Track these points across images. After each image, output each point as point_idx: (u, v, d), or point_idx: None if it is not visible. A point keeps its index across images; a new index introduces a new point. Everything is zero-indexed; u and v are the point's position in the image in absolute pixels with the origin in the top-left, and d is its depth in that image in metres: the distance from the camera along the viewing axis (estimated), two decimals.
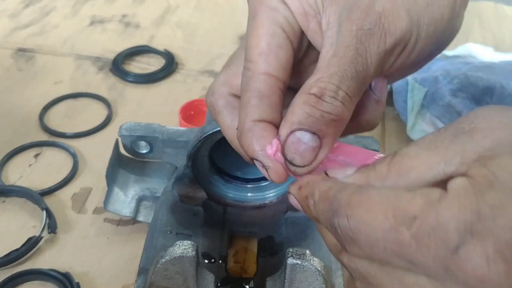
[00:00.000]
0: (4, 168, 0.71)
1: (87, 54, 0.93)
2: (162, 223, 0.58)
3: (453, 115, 0.74)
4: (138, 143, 0.62)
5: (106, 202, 0.61)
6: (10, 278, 0.57)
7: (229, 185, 0.62)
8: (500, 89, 0.73)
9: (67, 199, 0.67)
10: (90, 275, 0.59)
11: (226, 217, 0.62)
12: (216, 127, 0.53)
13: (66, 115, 0.80)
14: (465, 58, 0.87)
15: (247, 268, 0.59)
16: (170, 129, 0.61)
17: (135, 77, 0.88)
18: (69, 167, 0.71)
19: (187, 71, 0.90)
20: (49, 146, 0.75)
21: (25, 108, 0.81)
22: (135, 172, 0.65)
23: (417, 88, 0.78)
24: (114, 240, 0.63)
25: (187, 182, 0.60)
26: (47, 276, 0.57)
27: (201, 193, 0.61)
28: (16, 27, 0.99)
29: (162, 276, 0.49)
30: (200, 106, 0.79)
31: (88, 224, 0.65)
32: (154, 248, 0.55)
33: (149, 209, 0.63)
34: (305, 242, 0.57)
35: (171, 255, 0.49)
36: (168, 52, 0.92)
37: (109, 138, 0.69)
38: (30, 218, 0.64)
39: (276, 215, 0.62)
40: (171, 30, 0.99)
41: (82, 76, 0.88)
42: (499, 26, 1.08)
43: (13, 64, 0.90)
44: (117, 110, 0.81)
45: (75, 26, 1.00)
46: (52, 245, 0.62)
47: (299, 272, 0.49)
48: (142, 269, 0.54)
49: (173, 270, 0.49)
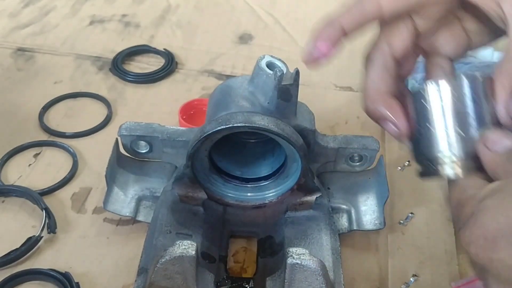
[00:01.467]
0: (4, 168, 0.71)
1: (87, 54, 0.93)
2: (162, 223, 0.58)
3: None
4: (138, 143, 0.62)
5: (106, 202, 0.61)
6: (10, 278, 0.57)
7: (228, 185, 0.62)
8: None
9: (67, 199, 0.67)
10: (89, 275, 0.59)
11: (226, 217, 0.62)
12: (216, 127, 0.53)
13: (66, 115, 0.80)
14: (465, 58, 0.87)
15: (247, 268, 0.59)
16: (169, 129, 0.61)
17: (135, 77, 0.88)
18: (68, 167, 0.71)
19: (187, 71, 0.90)
20: (49, 146, 0.75)
21: (25, 108, 0.81)
22: (134, 172, 0.65)
23: None
24: (114, 240, 0.63)
25: (187, 182, 0.60)
26: (46, 276, 0.57)
27: (201, 193, 0.61)
28: (15, 26, 0.99)
29: (162, 276, 0.49)
30: (200, 106, 0.79)
31: (88, 224, 0.64)
32: (154, 248, 0.55)
33: (149, 209, 0.63)
34: (305, 242, 0.57)
35: (171, 255, 0.49)
36: (168, 52, 0.92)
37: (109, 138, 0.69)
38: (29, 218, 0.64)
39: (276, 215, 0.62)
40: (171, 30, 0.99)
41: (82, 76, 0.88)
42: None
43: (13, 63, 0.90)
44: (117, 110, 0.81)
45: (75, 26, 1.00)
46: (51, 245, 0.62)
47: (299, 272, 0.49)
48: (142, 269, 0.54)
49: (173, 270, 0.49)
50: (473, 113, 0.42)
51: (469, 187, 0.40)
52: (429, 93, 0.43)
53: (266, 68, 0.55)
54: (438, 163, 0.43)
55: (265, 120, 0.53)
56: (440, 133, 0.43)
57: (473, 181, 0.41)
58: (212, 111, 0.59)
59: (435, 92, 0.43)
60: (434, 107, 0.43)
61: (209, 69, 0.90)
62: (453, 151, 0.42)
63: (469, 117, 0.42)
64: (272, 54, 0.56)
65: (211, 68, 0.90)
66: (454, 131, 0.42)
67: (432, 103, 0.43)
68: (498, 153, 0.40)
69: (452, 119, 0.43)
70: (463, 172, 0.42)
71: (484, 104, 0.43)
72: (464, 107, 0.42)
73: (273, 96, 0.54)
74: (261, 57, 0.56)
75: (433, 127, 0.43)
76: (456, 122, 0.42)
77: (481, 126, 0.42)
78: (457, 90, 0.43)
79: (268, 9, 1.06)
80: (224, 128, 0.53)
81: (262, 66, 0.55)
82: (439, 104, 0.43)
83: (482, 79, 0.43)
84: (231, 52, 0.95)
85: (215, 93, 0.61)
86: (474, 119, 0.42)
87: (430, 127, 0.44)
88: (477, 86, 0.43)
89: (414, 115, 0.45)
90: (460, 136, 0.42)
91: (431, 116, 0.43)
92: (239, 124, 0.53)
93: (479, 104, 0.42)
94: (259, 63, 0.55)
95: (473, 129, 0.42)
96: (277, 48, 0.95)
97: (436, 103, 0.43)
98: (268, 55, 0.56)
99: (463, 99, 0.42)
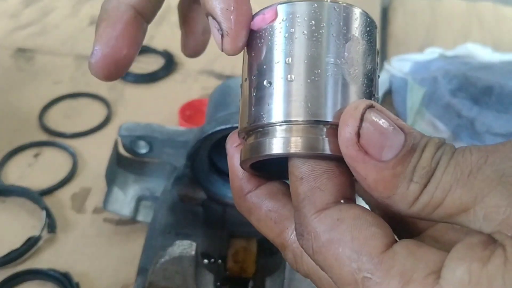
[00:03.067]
0: (4, 168, 0.71)
1: (87, 54, 0.93)
2: (162, 223, 0.58)
3: (452, 115, 0.75)
4: (138, 143, 0.62)
5: (106, 202, 0.61)
6: (10, 278, 0.57)
7: (228, 185, 0.62)
8: (498, 89, 0.74)
9: (67, 199, 0.67)
10: (89, 275, 0.59)
11: (225, 217, 0.62)
12: (216, 127, 0.53)
13: (66, 115, 0.81)
14: (464, 58, 0.87)
15: (247, 268, 0.59)
16: (169, 129, 0.61)
17: (135, 77, 0.88)
18: (68, 167, 0.71)
19: (186, 71, 0.90)
20: (49, 146, 0.75)
21: (25, 108, 0.81)
22: (134, 172, 0.65)
23: (416, 88, 0.78)
24: (114, 240, 0.63)
25: (187, 182, 0.60)
26: (46, 275, 0.57)
27: (201, 193, 0.61)
28: (16, 27, 0.99)
29: (161, 276, 0.49)
30: (199, 106, 0.79)
31: (88, 224, 0.65)
32: (153, 248, 0.55)
33: (148, 209, 0.63)
34: None
35: (170, 254, 0.49)
36: (168, 52, 0.92)
37: (109, 138, 0.69)
38: (29, 218, 0.65)
39: None
40: (171, 30, 0.99)
41: (81, 76, 0.88)
42: (498, 26, 1.08)
43: (13, 64, 0.90)
44: (117, 110, 0.81)
45: (75, 26, 1.00)
46: (51, 244, 0.62)
47: None
48: (141, 269, 0.54)
49: (173, 270, 0.49)
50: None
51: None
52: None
53: None
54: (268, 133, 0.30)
55: None
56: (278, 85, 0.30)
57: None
58: (212, 111, 0.59)
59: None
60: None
61: (209, 69, 0.90)
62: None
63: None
64: None
65: (210, 68, 0.90)
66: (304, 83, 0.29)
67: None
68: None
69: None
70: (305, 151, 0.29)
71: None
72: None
73: None
74: None
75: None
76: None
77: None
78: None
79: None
80: (224, 128, 0.53)
81: None
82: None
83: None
84: None
85: (215, 93, 0.61)
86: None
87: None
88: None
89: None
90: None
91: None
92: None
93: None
94: None
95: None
96: None
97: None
98: None
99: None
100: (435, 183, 0.26)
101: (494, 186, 0.25)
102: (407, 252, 0.26)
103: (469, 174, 0.25)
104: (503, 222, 0.25)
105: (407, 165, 0.26)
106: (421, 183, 0.26)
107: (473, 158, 0.26)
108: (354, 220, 0.27)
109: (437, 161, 0.26)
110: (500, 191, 0.25)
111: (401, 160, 0.26)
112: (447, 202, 0.26)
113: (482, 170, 0.25)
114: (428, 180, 0.26)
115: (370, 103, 0.27)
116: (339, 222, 0.27)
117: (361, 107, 0.27)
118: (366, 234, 0.26)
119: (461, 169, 0.26)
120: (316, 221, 0.28)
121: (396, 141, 0.26)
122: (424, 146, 0.27)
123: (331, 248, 0.27)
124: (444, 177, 0.26)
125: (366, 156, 0.27)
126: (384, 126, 0.27)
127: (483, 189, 0.25)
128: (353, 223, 0.27)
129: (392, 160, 0.26)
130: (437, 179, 0.26)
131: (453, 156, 0.26)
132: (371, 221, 0.27)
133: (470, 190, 0.25)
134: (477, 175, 0.25)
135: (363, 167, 0.27)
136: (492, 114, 0.73)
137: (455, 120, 0.74)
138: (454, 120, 0.74)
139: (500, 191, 0.25)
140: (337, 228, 0.27)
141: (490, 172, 0.25)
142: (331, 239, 0.27)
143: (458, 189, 0.25)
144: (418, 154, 0.26)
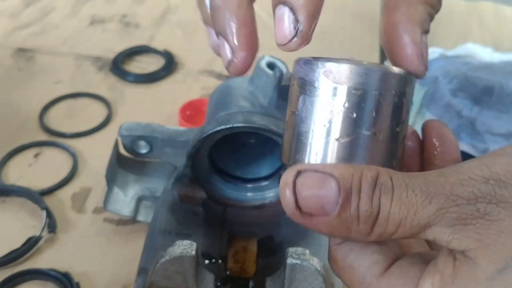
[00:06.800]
0: (4, 167, 0.71)
1: (87, 54, 0.93)
2: (162, 223, 0.58)
3: (452, 115, 0.75)
4: (138, 143, 0.62)
5: (106, 201, 0.61)
6: (10, 278, 0.57)
7: (228, 185, 0.62)
8: (499, 89, 0.73)
9: (67, 199, 0.67)
10: (89, 275, 0.59)
11: (226, 217, 0.62)
12: (216, 127, 0.53)
13: (66, 115, 0.81)
14: (465, 58, 0.87)
15: (247, 268, 0.59)
16: (170, 129, 0.61)
17: (135, 77, 0.88)
18: (69, 166, 0.71)
19: (187, 71, 0.90)
20: (49, 145, 0.75)
21: (25, 108, 0.81)
22: (134, 172, 0.65)
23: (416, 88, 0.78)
24: (114, 240, 0.63)
25: (187, 182, 0.60)
26: (46, 275, 0.57)
27: (201, 193, 0.61)
28: (16, 27, 0.99)
29: (161, 276, 0.49)
30: (200, 106, 0.79)
31: (88, 224, 0.65)
32: (153, 248, 0.55)
33: (148, 209, 0.63)
34: (305, 242, 0.57)
35: (170, 254, 0.49)
36: (168, 52, 0.92)
37: (109, 138, 0.69)
38: (30, 218, 0.64)
39: (276, 215, 0.62)
40: (171, 30, 0.99)
41: (82, 76, 0.88)
42: (498, 26, 1.08)
43: (13, 64, 0.90)
44: (117, 110, 0.81)
45: (75, 26, 1.00)
46: (51, 244, 0.62)
47: (299, 272, 0.49)
48: (141, 269, 0.54)
49: (173, 270, 0.49)
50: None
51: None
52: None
53: (266, 68, 0.55)
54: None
55: (265, 120, 0.53)
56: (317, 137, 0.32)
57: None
58: (212, 111, 0.59)
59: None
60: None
61: (209, 69, 0.90)
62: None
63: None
64: (272, 54, 0.56)
65: (211, 68, 0.90)
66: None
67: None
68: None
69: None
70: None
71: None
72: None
73: (273, 96, 0.54)
74: (261, 57, 0.56)
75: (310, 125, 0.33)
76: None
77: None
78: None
79: (268, 9, 1.06)
80: (224, 128, 0.53)
81: (262, 66, 0.55)
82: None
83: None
84: None
85: (215, 93, 0.61)
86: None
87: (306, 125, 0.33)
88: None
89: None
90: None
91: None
92: (239, 124, 0.53)
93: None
94: (259, 63, 0.55)
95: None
96: (277, 48, 0.95)
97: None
98: (268, 55, 0.56)
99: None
100: (384, 222, 0.29)
101: (440, 219, 0.28)
102: (399, 272, 0.31)
103: (415, 213, 0.28)
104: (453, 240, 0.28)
105: (349, 210, 0.29)
106: (369, 223, 0.29)
107: (418, 199, 0.28)
108: (360, 250, 0.32)
109: (377, 204, 0.29)
110: (445, 222, 0.28)
111: (343, 208, 0.29)
112: (400, 231, 0.29)
113: (427, 209, 0.28)
114: (375, 220, 0.29)
115: (296, 172, 0.30)
116: (349, 251, 0.32)
117: (290, 180, 0.30)
118: (370, 261, 0.31)
119: (407, 208, 0.28)
120: (333, 249, 0.33)
121: (332, 194, 0.29)
122: (358, 188, 0.29)
123: (345, 273, 0.33)
124: (391, 217, 0.29)
125: (313, 218, 0.30)
126: (315, 187, 0.30)
127: (430, 220, 0.28)
128: (359, 253, 0.32)
129: (335, 212, 0.29)
130: (384, 219, 0.29)
131: (394, 195, 0.28)
132: (375, 248, 0.32)
133: (420, 221, 0.29)
134: (423, 214, 0.28)
135: (315, 224, 0.30)
136: (492, 114, 0.73)
137: (456, 120, 0.74)
138: (454, 120, 0.74)
139: (445, 222, 0.28)
140: (347, 258, 0.32)
141: (435, 210, 0.28)
142: (344, 266, 0.32)
143: (407, 223, 0.29)
144: (355, 198, 0.29)
